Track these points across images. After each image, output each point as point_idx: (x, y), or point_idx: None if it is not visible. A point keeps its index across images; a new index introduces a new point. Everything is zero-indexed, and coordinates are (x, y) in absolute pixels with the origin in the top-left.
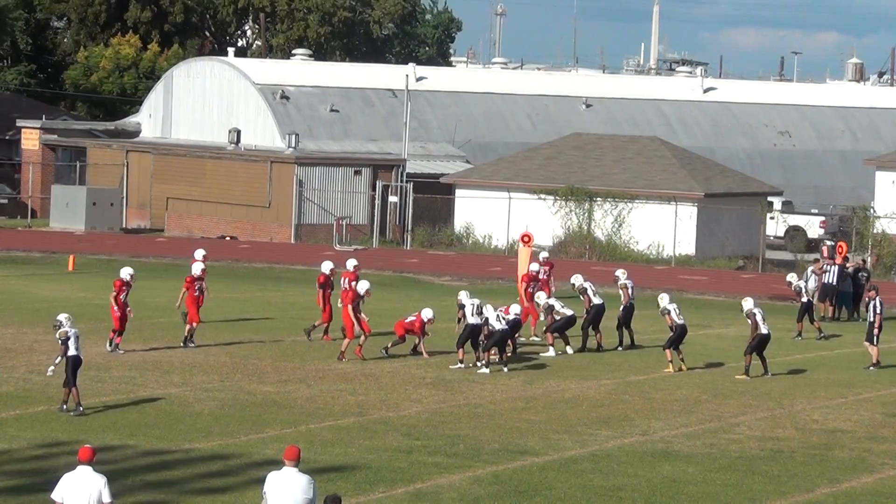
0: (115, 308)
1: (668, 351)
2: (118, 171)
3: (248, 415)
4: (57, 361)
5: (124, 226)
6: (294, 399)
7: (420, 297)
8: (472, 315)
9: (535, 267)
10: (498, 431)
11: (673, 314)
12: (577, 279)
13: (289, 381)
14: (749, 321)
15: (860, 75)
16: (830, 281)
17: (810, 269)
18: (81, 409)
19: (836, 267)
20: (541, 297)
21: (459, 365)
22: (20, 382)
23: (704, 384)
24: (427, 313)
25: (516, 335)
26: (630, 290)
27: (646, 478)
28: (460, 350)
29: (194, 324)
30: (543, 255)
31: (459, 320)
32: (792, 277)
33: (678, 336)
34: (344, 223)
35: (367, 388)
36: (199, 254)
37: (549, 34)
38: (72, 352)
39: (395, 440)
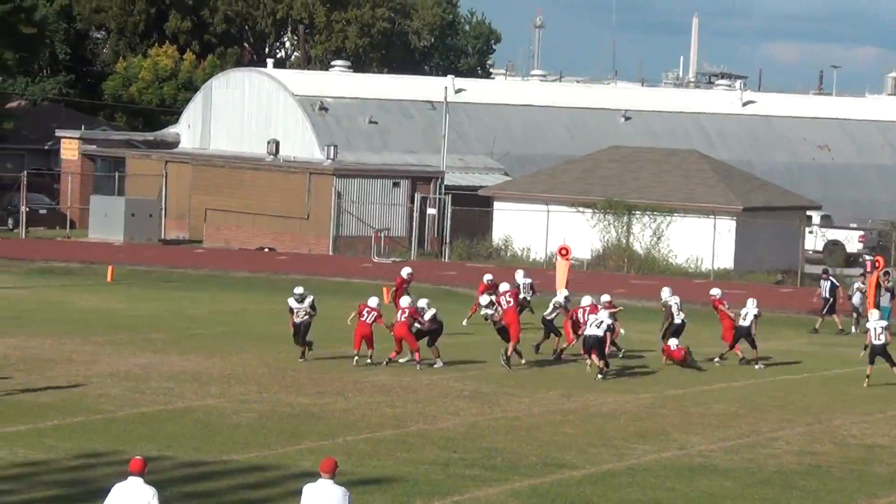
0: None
1: (665, 343)
2: (157, 182)
3: (285, 426)
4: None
5: (163, 237)
6: (331, 411)
7: (457, 310)
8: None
9: (606, 297)
10: (535, 445)
11: (674, 308)
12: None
13: (326, 392)
14: (664, 310)
15: None
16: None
17: (856, 284)
18: None
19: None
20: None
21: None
22: (59, 392)
23: (742, 398)
24: (484, 299)
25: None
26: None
27: (683, 492)
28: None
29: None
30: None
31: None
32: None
33: (676, 329)
34: (382, 235)
35: (405, 401)
36: (374, 301)
37: (587, 47)
38: None
39: (433, 453)
